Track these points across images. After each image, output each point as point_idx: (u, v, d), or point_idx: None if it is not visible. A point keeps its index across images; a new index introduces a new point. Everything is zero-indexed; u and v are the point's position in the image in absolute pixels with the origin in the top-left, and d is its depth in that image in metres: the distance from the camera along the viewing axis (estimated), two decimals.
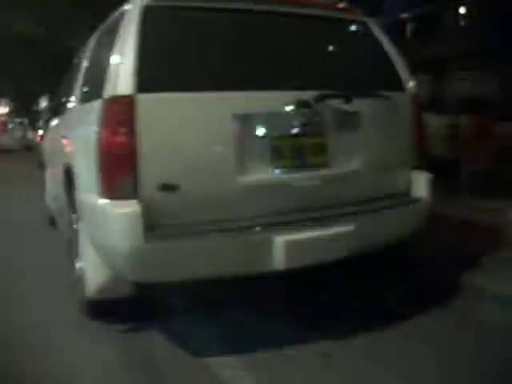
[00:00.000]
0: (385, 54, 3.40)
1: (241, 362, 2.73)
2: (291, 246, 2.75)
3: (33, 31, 17.00)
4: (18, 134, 28.54)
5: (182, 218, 2.67)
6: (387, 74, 3.38)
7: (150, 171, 2.62)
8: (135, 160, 2.59)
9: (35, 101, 16.68)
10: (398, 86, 3.37)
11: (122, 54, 2.72)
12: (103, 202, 2.67)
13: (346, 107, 3.05)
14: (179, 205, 2.66)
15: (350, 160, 3.09)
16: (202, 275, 2.73)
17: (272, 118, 2.86)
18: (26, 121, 28.83)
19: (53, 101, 5.89)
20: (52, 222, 5.45)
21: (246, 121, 2.79)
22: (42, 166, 6.22)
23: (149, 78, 2.64)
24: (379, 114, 3.22)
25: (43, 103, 7.89)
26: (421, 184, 3.34)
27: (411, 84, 3.41)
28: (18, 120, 32.80)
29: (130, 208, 2.57)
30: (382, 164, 3.20)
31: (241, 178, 2.78)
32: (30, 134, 23.95)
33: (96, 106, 2.85)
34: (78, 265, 3.31)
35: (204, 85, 2.76)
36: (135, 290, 2.96)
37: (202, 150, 2.74)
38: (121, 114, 2.60)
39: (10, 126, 32.52)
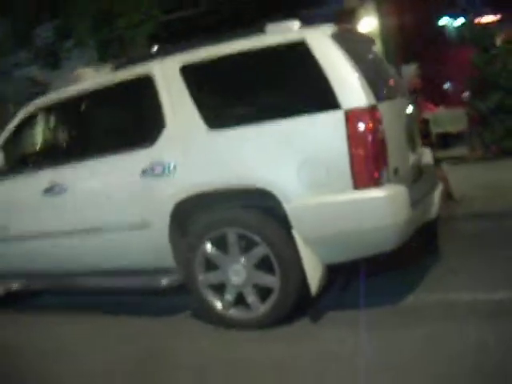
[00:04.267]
0: None
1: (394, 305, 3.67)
2: None
3: None
4: None
5: None
6: None
7: (390, 160, 3.45)
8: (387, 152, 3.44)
9: None
10: None
11: (347, 75, 3.40)
12: (369, 191, 3.29)
13: None
14: (398, 181, 3.52)
15: None
16: None
17: None
18: None
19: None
20: None
21: None
22: None
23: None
24: None
25: None
26: None
27: None
28: None
29: (400, 188, 3.38)
30: None
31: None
32: None
33: (327, 118, 3.37)
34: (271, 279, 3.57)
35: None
36: None
37: (399, 137, 3.83)
38: (379, 118, 3.39)
39: None
